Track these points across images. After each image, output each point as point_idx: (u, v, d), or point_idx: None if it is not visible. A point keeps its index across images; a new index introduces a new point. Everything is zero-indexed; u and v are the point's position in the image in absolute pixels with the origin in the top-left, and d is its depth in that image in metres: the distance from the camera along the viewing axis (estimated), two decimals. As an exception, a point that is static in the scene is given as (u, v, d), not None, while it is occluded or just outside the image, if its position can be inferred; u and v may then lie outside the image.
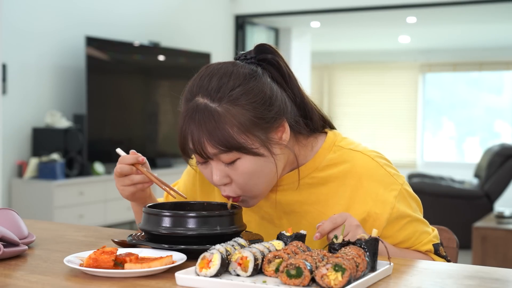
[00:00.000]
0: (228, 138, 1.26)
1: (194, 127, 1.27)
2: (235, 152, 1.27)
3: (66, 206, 4.96)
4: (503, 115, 9.35)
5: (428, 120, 9.75)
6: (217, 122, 1.26)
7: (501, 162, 6.15)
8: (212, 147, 1.27)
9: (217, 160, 1.29)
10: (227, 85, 1.29)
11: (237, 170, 1.29)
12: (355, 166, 1.38)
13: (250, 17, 7.50)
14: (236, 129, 1.26)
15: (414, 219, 1.39)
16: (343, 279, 1.01)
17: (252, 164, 1.29)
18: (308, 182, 1.40)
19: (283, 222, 1.43)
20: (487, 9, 6.75)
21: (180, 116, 1.32)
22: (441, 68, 9.58)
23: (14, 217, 1.37)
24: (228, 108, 1.27)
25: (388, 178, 1.38)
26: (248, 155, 1.28)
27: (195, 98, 1.30)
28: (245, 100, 1.28)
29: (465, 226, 5.37)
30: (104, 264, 1.11)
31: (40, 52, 5.20)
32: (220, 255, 1.08)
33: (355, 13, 7.00)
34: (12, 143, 4.96)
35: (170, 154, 6.18)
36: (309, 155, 1.41)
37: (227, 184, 1.32)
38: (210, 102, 1.28)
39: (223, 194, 1.34)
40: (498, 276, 1.15)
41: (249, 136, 1.28)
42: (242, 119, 1.27)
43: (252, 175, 1.30)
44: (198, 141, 1.27)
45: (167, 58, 6.27)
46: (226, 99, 1.27)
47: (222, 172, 1.30)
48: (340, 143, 1.42)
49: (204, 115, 1.26)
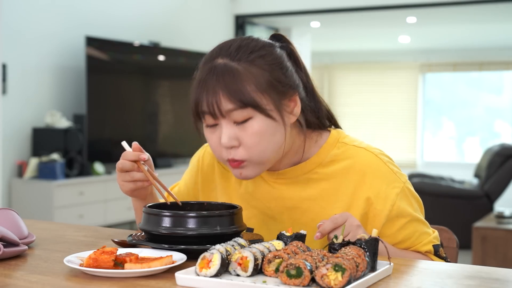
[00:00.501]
0: (244, 93, 1.28)
1: (211, 83, 1.29)
2: (249, 109, 1.29)
3: (66, 206, 4.96)
4: (503, 115, 9.35)
5: (428, 120, 9.75)
6: (235, 78, 1.28)
7: (501, 162, 6.15)
8: (228, 102, 1.28)
9: (228, 119, 1.30)
10: (247, 47, 1.33)
11: (247, 131, 1.30)
12: (358, 162, 1.39)
13: (250, 17, 7.50)
14: (253, 87, 1.29)
15: (415, 218, 1.39)
16: (343, 279, 1.01)
17: (263, 126, 1.30)
18: (312, 177, 1.41)
19: (284, 218, 1.43)
20: (487, 9, 6.75)
21: (197, 77, 1.34)
22: (441, 68, 9.58)
23: (14, 217, 1.37)
24: (247, 67, 1.30)
25: (391, 175, 1.38)
26: (261, 116, 1.30)
27: (214, 60, 1.32)
28: (263, 62, 1.32)
29: (465, 226, 5.37)
30: (104, 264, 1.11)
31: (40, 52, 5.20)
32: (220, 255, 1.08)
33: (355, 13, 7.00)
34: (12, 143, 4.96)
35: (170, 154, 6.18)
36: (313, 150, 1.42)
37: (234, 148, 1.32)
38: (230, 61, 1.31)
39: (229, 157, 1.33)
40: (498, 276, 1.15)
41: (265, 96, 1.30)
42: (260, 78, 1.30)
43: (261, 137, 1.31)
44: (213, 96, 1.28)
45: (167, 58, 6.27)
46: (245, 59, 1.31)
47: (231, 133, 1.30)
48: (344, 139, 1.44)
49: (223, 71, 1.29)
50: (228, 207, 1.35)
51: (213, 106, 1.28)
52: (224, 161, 1.35)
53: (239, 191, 1.48)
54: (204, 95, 1.29)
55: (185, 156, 6.42)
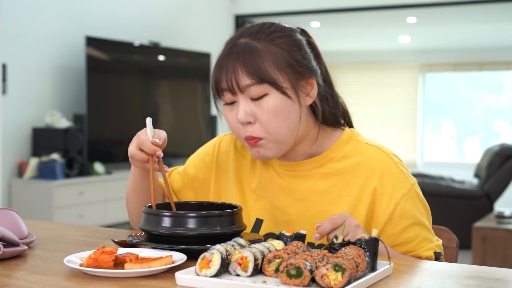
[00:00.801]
0: (262, 69, 1.32)
1: (231, 59, 1.35)
2: (266, 85, 1.33)
3: (66, 206, 4.96)
4: (503, 115, 9.35)
5: (428, 120, 9.74)
6: (254, 55, 1.33)
7: (501, 162, 6.15)
8: (246, 77, 1.32)
9: (245, 95, 1.34)
10: (268, 29, 1.39)
11: (263, 107, 1.34)
12: (369, 159, 1.41)
13: (250, 17, 7.50)
14: (271, 64, 1.33)
15: (419, 222, 1.39)
16: (343, 279, 1.01)
17: (278, 103, 1.34)
18: (323, 172, 1.43)
19: (292, 210, 1.44)
20: (487, 9, 6.75)
21: (218, 56, 1.39)
22: (441, 68, 9.58)
23: (14, 217, 1.37)
24: (267, 45, 1.35)
25: (400, 176, 1.39)
26: (277, 93, 1.33)
27: (236, 40, 1.39)
28: (282, 41, 1.37)
29: (465, 226, 5.37)
30: (104, 264, 1.11)
31: (40, 52, 5.20)
32: (220, 255, 1.08)
33: (355, 13, 7.00)
34: (12, 143, 4.96)
35: (170, 154, 6.18)
36: (327, 145, 1.45)
37: (250, 124, 1.35)
38: (251, 40, 1.36)
39: (246, 135, 1.36)
40: (498, 276, 1.15)
41: (282, 74, 1.34)
42: (278, 56, 1.35)
43: (277, 114, 1.34)
44: (233, 71, 1.33)
45: (167, 58, 6.27)
46: (265, 38, 1.36)
47: (248, 109, 1.34)
48: (357, 137, 1.46)
49: (243, 50, 1.35)
50: (228, 207, 1.35)
51: (232, 82, 1.33)
52: (242, 140, 1.38)
53: (252, 183, 1.50)
54: (224, 72, 1.34)
55: (185, 156, 6.41)
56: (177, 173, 1.61)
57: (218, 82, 1.36)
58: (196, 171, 1.57)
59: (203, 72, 6.63)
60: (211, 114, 6.78)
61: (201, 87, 6.70)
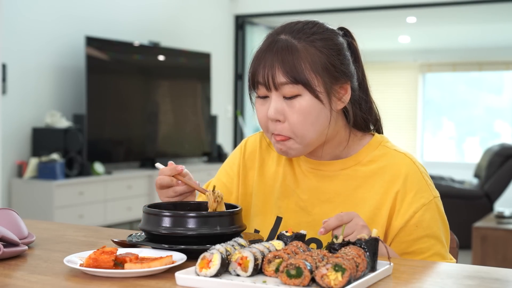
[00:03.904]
0: (298, 70, 1.33)
1: (270, 55, 1.35)
2: (300, 86, 1.34)
3: (66, 206, 4.96)
4: (503, 115, 9.35)
5: (428, 120, 9.74)
6: (293, 54, 1.34)
7: (501, 162, 6.15)
8: (282, 75, 1.33)
9: (279, 93, 1.35)
10: (310, 29, 1.39)
11: (294, 107, 1.34)
12: (395, 164, 1.41)
13: (250, 17, 7.50)
14: (308, 65, 1.34)
15: (434, 236, 1.38)
16: (343, 279, 1.01)
17: (310, 105, 1.34)
18: (349, 174, 1.43)
19: (316, 211, 1.44)
20: (487, 9, 6.75)
21: (257, 49, 1.40)
22: (441, 68, 9.58)
23: (14, 217, 1.37)
24: (306, 46, 1.36)
25: (424, 186, 1.40)
26: (310, 95, 1.34)
27: (277, 36, 1.39)
28: (322, 44, 1.37)
29: (465, 226, 5.37)
30: (104, 264, 1.11)
31: (40, 52, 5.20)
32: (220, 255, 1.08)
33: (355, 13, 7.00)
34: (12, 143, 4.96)
35: (170, 154, 6.18)
36: (356, 148, 1.46)
37: (279, 122, 1.36)
38: (291, 38, 1.37)
39: (273, 131, 1.37)
40: (498, 276, 1.15)
41: (317, 77, 1.35)
42: (316, 59, 1.35)
43: (307, 116, 1.34)
44: (270, 67, 1.34)
45: (167, 58, 6.27)
46: (306, 39, 1.36)
47: (279, 106, 1.35)
48: (386, 143, 1.47)
49: (283, 47, 1.35)
50: (228, 207, 1.35)
51: (268, 78, 1.34)
52: (269, 134, 1.40)
53: (276, 182, 1.50)
54: (261, 67, 1.35)
55: (185, 156, 6.42)
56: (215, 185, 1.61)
57: (255, 74, 1.37)
58: (231, 178, 1.58)
59: (203, 72, 6.63)
60: (211, 114, 6.78)
61: (201, 87, 6.70)
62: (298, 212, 1.46)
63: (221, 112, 7.27)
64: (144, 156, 5.95)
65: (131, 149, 5.87)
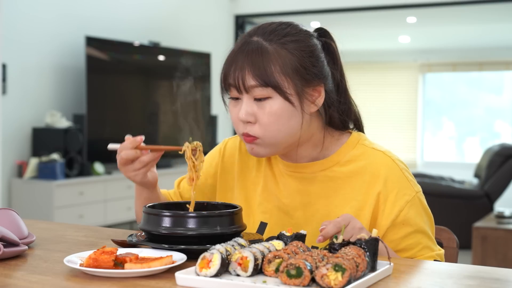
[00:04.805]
0: (268, 73, 1.33)
1: (241, 57, 1.35)
2: (270, 89, 1.33)
3: (66, 206, 4.96)
4: (503, 115, 9.35)
5: (428, 120, 9.74)
6: (263, 56, 1.34)
7: (501, 162, 6.15)
8: (252, 78, 1.33)
9: (249, 95, 1.35)
10: (283, 30, 1.38)
11: (265, 110, 1.34)
12: (375, 164, 1.40)
13: (250, 17, 7.50)
14: (278, 68, 1.33)
15: (421, 230, 1.38)
16: (343, 279, 1.01)
17: (280, 108, 1.34)
18: (329, 175, 1.43)
19: (299, 214, 1.44)
20: (487, 9, 6.75)
21: (230, 51, 1.39)
22: (441, 68, 9.58)
23: (14, 217, 1.37)
24: (277, 49, 1.35)
25: (405, 182, 1.39)
26: (280, 98, 1.34)
27: (249, 37, 1.38)
28: (294, 46, 1.36)
29: (465, 226, 5.37)
30: (104, 264, 1.11)
31: (40, 52, 5.20)
32: (220, 255, 1.08)
33: (355, 13, 7.00)
34: (12, 143, 4.96)
35: (170, 154, 6.18)
36: (334, 148, 1.44)
37: (249, 123, 1.36)
38: (263, 40, 1.36)
39: (244, 131, 1.37)
40: (498, 276, 1.15)
41: (288, 79, 1.34)
42: (287, 61, 1.34)
43: (277, 118, 1.34)
44: (240, 70, 1.34)
45: (167, 58, 6.27)
46: (277, 41, 1.36)
47: (250, 109, 1.35)
48: (364, 142, 1.45)
49: (253, 49, 1.35)
50: (228, 207, 1.35)
51: (238, 81, 1.34)
52: (240, 134, 1.39)
53: (258, 186, 1.50)
54: (232, 69, 1.35)
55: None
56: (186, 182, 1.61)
57: (226, 77, 1.37)
58: (205, 178, 1.57)
59: (203, 72, 6.63)
60: (211, 114, 6.78)
61: (201, 87, 6.70)
62: (280, 216, 1.46)
63: (221, 112, 7.27)
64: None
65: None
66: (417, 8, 6.64)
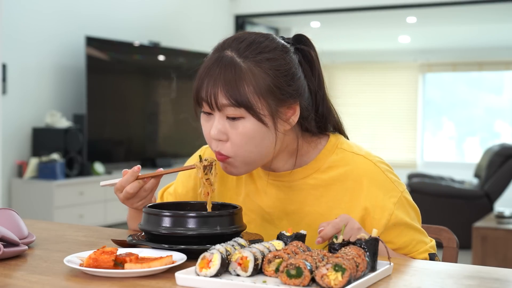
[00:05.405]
0: (241, 93, 1.28)
1: (213, 73, 1.30)
2: (242, 109, 1.29)
3: (66, 206, 4.96)
4: (503, 115, 9.35)
5: (428, 120, 9.74)
6: (236, 75, 1.28)
7: (501, 162, 6.15)
8: (224, 97, 1.28)
9: (222, 113, 1.30)
10: (258, 46, 1.32)
11: (237, 129, 1.30)
12: (356, 169, 1.38)
13: (250, 17, 7.50)
14: (251, 89, 1.28)
15: (412, 227, 1.39)
16: (343, 279, 1.01)
17: (253, 129, 1.30)
18: (310, 183, 1.41)
19: (283, 223, 1.43)
20: (487, 9, 6.75)
21: (204, 63, 1.35)
22: (441, 68, 9.58)
23: (14, 217, 1.37)
24: (251, 67, 1.30)
25: (389, 184, 1.38)
26: (253, 118, 1.29)
27: (224, 51, 1.33)
28: (269, 65, 1.31)
29: (465, 226, 5.37)
30: (104, 264, 1.11)
31: (40, 52, 5.20)
32: (220, 255, 1.07)
33: (355, 13, 7.00)
34: (12, 143, 4.96)
35: (170, 154, 6.18)
36: (312, 155, 1.42)
37: (222, 142, 1.32)
38: (237, 57, 1.31)
39: (216, 149, 1.33)
40: (498, 276, 1.15)
41: (261, 100, 1.29)
42: (261, 81, 1.29)
43: (249, 139, 1.30)
44: (213, 88, 1.29)
45: (167, 58, 6.27)
46: (252, 59, 1.30)
47: (222, 127, 1.31)
48: (342, 145, 1.42)
49: (227, 65, 1.30)
50: (228, 207, 1.35)
51: (211, 98, 1.29)
52: (213, 151, 1.36)
53: (239, 196, 1.48)
54: (205, 84, 1.30)
55: (185, 156, 6.41)
56: (168, 194, 1.60)
57: (198, 91, 1.32)
58: (186, 191, 1.56)
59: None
60: (211, 114, 6.78)
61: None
62: (264, 225, 1.44)
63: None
64: (144, 156, 5.95)
65: (131, 149, 5.87)
66: (417, 8, 6.64)
